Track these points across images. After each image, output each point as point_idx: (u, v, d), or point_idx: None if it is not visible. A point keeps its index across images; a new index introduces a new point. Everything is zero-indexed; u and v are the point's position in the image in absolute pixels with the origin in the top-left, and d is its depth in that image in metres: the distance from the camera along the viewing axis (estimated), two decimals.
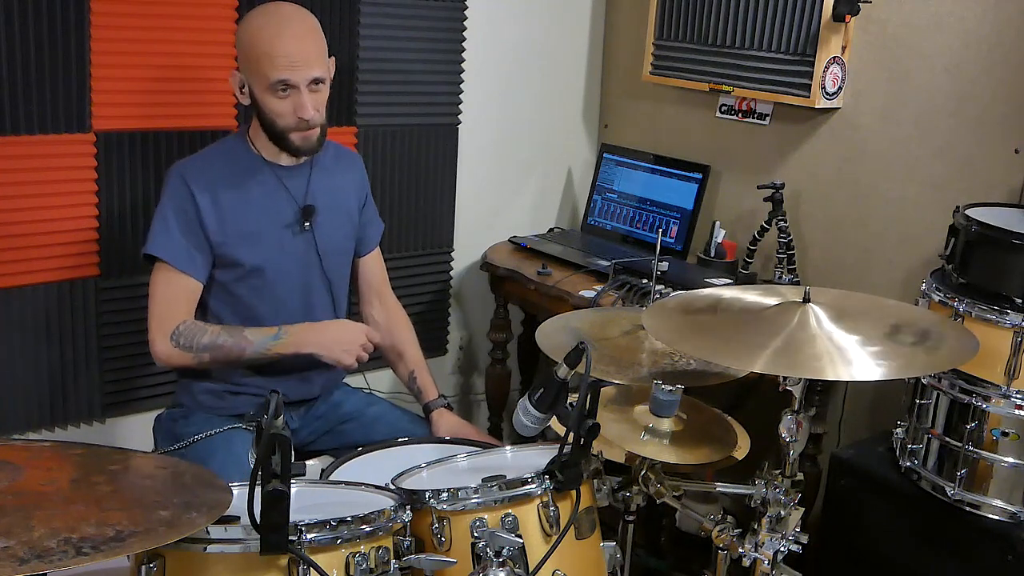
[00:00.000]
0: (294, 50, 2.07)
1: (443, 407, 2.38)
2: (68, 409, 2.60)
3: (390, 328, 2.47)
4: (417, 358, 2.47)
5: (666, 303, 1.98)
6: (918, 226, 2.62)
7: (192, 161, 2.20)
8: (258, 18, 2.12)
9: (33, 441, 2.19)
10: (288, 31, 2.08)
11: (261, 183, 2.20)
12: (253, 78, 2.11)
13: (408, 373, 2.45)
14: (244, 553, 1.45)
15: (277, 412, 1.42)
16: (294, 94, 2.09)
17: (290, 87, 2.08)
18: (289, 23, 2.11)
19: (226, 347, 2.12)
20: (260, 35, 2.08)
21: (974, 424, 2.06)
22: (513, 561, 1.59)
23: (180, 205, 2.13)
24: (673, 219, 3.10)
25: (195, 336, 2.12)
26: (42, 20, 2.35)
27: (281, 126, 2.13)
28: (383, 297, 2.50)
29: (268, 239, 2.20)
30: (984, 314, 2.03)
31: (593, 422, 1.66)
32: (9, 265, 2.43)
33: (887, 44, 2.67)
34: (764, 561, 1.79)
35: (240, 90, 2.16)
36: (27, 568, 1.17)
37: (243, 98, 2.16)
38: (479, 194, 3.29)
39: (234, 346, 2.12)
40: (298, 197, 2.23)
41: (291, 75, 2.06)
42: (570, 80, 3.47)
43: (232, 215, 2.16)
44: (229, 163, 2.20)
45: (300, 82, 2.08)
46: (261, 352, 2.14)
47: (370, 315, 2.49)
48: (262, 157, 2.21)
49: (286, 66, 2.06)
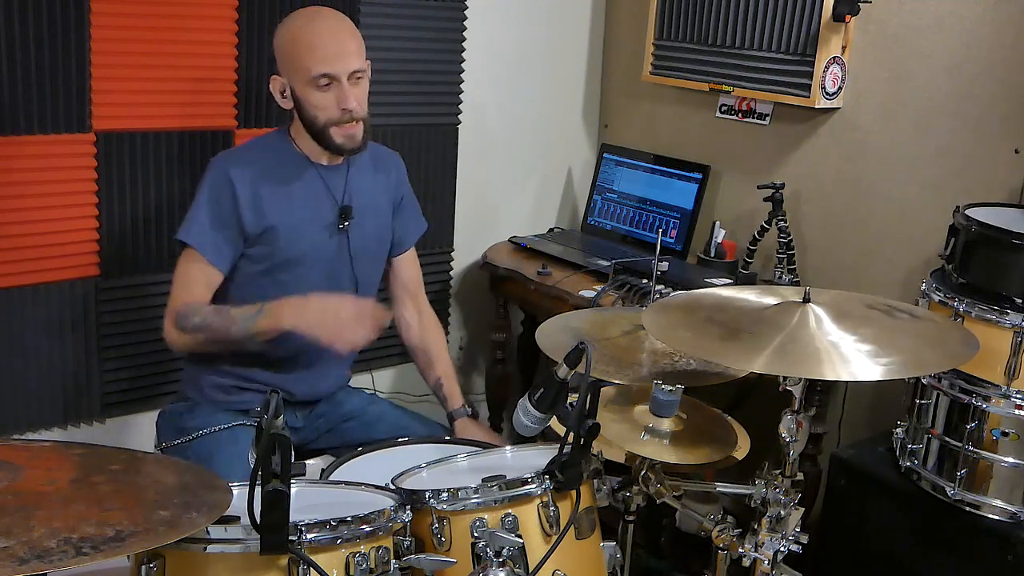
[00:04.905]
0: (334, 44, 2.12)
1: (466, 416, 2.39)
2: (68, 409, 2.60)
3: (422, 331, 2.48)
4: (446, 365, 2.47)
5: (666, 303, 1.98)
6: (918, 226, 2.62)
7: (235, 153, 2.24)
8: (297, 19, 2.19)
9: (33, 441, 2.19)
10: (327, 27, 2.15)
11: (303, 180, 2.21)
12: (294, 76, 2.14)
13: (436, 379, 2.45)
14: (244, 553, 1.45)
15: (277, 412, 1.42)
16: (336, 87, 2.12)
17: (332, 79, 2.11)
18: (327, 20, 2.18)
19: (213, 327, 2.10)
20: (301, 33, 2.14)
21: (974, 424, 2.06)
22: (513, 561, 1.59)
23: (217, 196, 2.14)
24: (673, 219, 3.10)
25: (188, 317, 2.12)
26: (42, 20, 2.35)
27: (323, 120, 2.14)
28: (417, 300, 2.50)
29: (306, 236, 2.20)
30: (984, 314, 2.03)
31: (593, 422, 1.66)
32: (9, 265, 2.43)
33: (887, 44, 2.67)
34: (764, 561, 1.79)
35: (282, 94, 2.18)
36: (27, 568, 1.17)
37: (285, 102, 2.19)
38: (479, 194, 3.29)
39: (220, 326, 2.10)
40: (337, 197, 2.24)
41: (332, 68, 2.10)
42: (570, 80, 3.47)
43: (272, 209, 2.16)
44: (272, 157, 2.22)
45: (341, 74, 2.11)
46: (246, 331, 2.08)
47: (402, 316, 2.48)
48: (304, 155, 2.22)
49: (327, 58, 2.10)
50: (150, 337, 2.66)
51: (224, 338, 2.12)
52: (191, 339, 2.13)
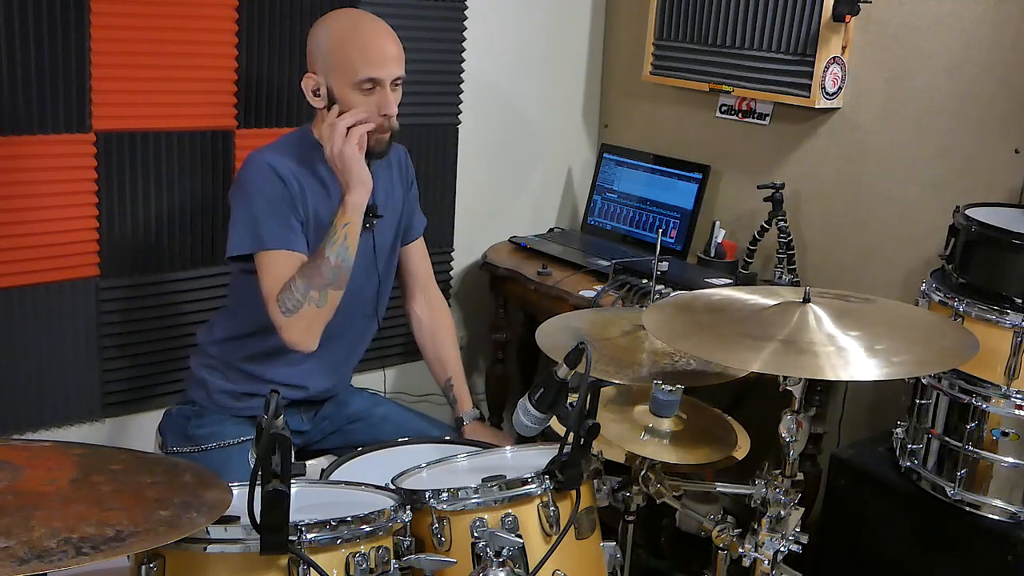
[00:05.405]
0: (381, 48, 2.12)
1: (476, 419, 2.39)
2: (68, 409, 2.60)
3: (433, 330, 2.47)
4: (456, 366, 2.46)
5: (666, 303, 1.98)
6: (918, 226, 2.62)
7: (272, 149, 2.18)
8: (343, 18, 2.18)
9: (33, 441, 2.19)
10: (376, 31, 2.14)
11: (335, 180, 2.17)
12: (337, 75, 2.11)
13: (445, 380, 2.44)
14: (244, 553, 1.45)
15: (277, 412, 1.42)
16: (379, 92, 2.11)
17: (376, 84, 2.10)
18: (376, 24, 2.16)
19: (311, 279, 2.02)
20: (347, 33, 2.12)
21: (974, 424, 2.06)
22: (513, 561, 1.59)
23: (267, 188, 2.09)
24: (673, 219, 3.10)
25: (285, 300, 2.03)
26: (42, 20, 2.35)
27: None
28: (428, 292, 2.48)
29: None
30: (984, 314, 2.03)
31: (593, 422, 1.66)
32: (9, 265, 2.43)
33: (887, 44, 2.67)
34: (764, 561, 1.79)
35: (314, 92, 2.15)
36: (27, 568, 1.17)
37: (317, 101, 2.15)
38: (479, 194, 3.28)
39: (316, 271, 2.03)
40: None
41: (380, 72, 2.10)
42: (570, 80, 3.47)
43: (314, 203, 2.15)
44: (306, 154, 2.19)
45: (386, 79, 2.11)
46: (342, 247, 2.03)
47: (414, 312, 2.47)
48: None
49: (376, 62, 2.09)
50: (150, 337, 2.67)
51: (328, 278, 2.03)
52: (308, 313, 2.03)
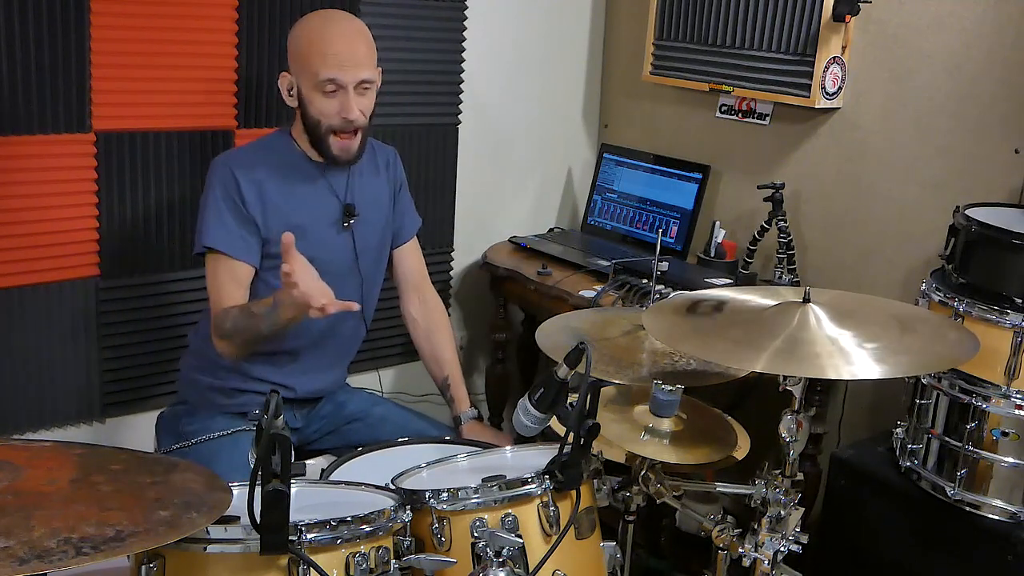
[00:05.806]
0: (345, 50, 2.10)
1: (474, 419, 2.38)
2: (68, 409, 2.60)
3: (429, 330, 2.46)
4: (453, 365, 2.46)
5: (666, 303, 1.98)
6: (918, 226, 2.62)
7: (237, 153, 2.22)
8: (313, 19, 2.17)
9: (33, 441, 2.19)
10: (341, 32, 2.13)
11: (306, 179, 2.21)
12: (302, 77, 2.13)
13: (443, 379, 2.44)
14: (244, 553, 1.45)
15: (277, 412, 1.42)
16: (341, 94, 2.11)
17: (338, 87, 2.10)
18: (342, 25, 2.16)
19: (242, 328, 2.07)
20: (313, 35, 2.13)
21: (974, 424, 2.06)
22: (513, 561, 1.59)
23: (227, 194, 2.13)
24: (673, 219, 3.10)
25: (222, 324, 2.09)
26: (42, 20, 2.35)
27: (325, 126, 2.14)
28: (423, 293, 2.48)
29: (312, 234, 2.18)
30: (984, 314, 2.03)
31: (593, 422, 1.66)
32: (9, 265, 2.43)
33: (887, 44, 2.67)
34: (764, 561, 1.79)
35: (288, 92, 2.17)
36: (27, 568, 1.17)
37: (291, 100, 2.18)
38: (479, 194, 3.28)
39: (249, 325, 2.06)
40: (340, 195, 2.24)
41: (340, 74, 2.09)
42: (570, 80, 3.47)
43: (277, 208, 2.16)
44: (275, 157, 2.21)
45: (348, 82, 2.10)
46: (273, 324, 2.03)
47: (409, 313, 2.47)
48: (305, 155, 2.22)
49: (336, 65, 2.09)
50: (150, 337, 2.66)
51: (258, 337, 2.08)
52: (235, 344, 2.10)
